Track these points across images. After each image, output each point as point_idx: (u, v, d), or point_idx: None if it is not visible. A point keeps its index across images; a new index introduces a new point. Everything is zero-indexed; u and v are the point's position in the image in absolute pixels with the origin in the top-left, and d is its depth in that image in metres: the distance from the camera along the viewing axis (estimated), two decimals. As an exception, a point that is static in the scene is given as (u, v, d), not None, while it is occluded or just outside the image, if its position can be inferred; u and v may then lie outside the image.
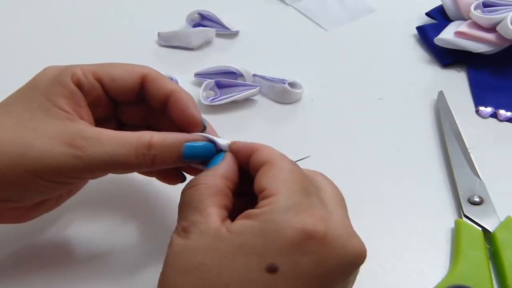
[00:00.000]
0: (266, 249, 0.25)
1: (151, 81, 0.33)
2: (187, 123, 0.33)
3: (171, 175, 0.35)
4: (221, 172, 0.30)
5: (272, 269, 0.25)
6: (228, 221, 0.28)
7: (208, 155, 0.32)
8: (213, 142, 0.32)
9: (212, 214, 0.28)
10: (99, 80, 0.33)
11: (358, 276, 0.35)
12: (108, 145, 0.30)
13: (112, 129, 0.31)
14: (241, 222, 0.27)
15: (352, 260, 0.27)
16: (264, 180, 0.28)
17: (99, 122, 0.33)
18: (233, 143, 0.32)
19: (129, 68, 0.33)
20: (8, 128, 0.30)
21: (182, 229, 0.28)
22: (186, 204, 0.29)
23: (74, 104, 0.31)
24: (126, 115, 0.35)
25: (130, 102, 0.34)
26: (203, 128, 0.33)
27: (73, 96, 0.31)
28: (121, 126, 0.36)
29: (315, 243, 0.26)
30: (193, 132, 0.33)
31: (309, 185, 0.29)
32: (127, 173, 0.34)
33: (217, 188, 0.29)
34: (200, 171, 0.32)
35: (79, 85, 0.32)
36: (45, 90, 0.31)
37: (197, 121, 0.33)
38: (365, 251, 0.28)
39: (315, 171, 0.31)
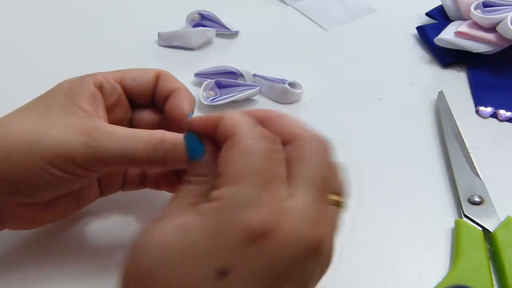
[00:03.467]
0: (215, 250, 0.23)
1: (162, 78, 0.35)
2: (175, 115, 0.34)
3: (175, 183, 0.35)
4: None
5: (223, 273, 0.23)
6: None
7: None
8: None
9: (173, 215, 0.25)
10: (120, 82, 0.34)
11: (358, 276, 0.35)
12: (121, 137, 0.30)
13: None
14: (189, 221, 0.24)
15: (308, 252, 0.24)
16: (221, 164, 0.25)
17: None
18: (193, 119, 0.28)
19: (146, 70, 0.36)
20: (26, 121, 0.31)
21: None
22: None
23: (93, 105, 0.32)
24: (140, 124, 0.37)
25: (145, 109, 0.36)
26: None
27: (93, 97, 0.32)
28: None
29: (264, 241, 0.23)
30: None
31: (277, 165, 0.25)
32: (139, 168, 0.35)
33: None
34: None
35: (100, 87, 0.33)
36: (66, 90, 0.32)
37: (183, 114, 0.34)
38: (322, 242, 0.25)
39: (310, 134, 0.27)
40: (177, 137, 0.31)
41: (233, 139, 0.25)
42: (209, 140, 0.27)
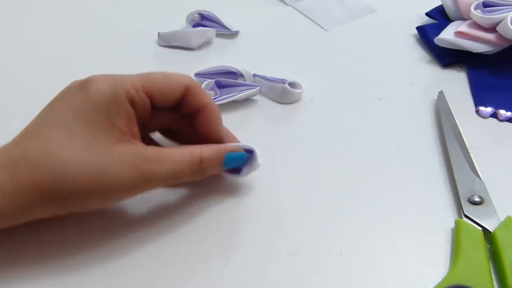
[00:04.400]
0: None
1: (191, 93, 0.36)
2: (211, 137, 0.37)
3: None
4: None
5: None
6: None
7: (242, 163, 0.37)
8: (247, 151, 0.37)
9: None
10: (149, 95, 0.35)
11: (358, 276, 0.35)
12: (167, 163, 0.33)
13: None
14: None
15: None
16: None
17: None
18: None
19: (174, 80, 0.35)
20: (77, 153, 0.31)
21: None
22: None
23: (129, 124, 0.33)
24: (156, 121, 0.38)
25: (166, 110, 0.37)
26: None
27: (129, 116, 0.33)
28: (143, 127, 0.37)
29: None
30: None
31: None
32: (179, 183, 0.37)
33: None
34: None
35: (132, 103, 0.34)
36: (103, 110, 0.32)
37: (220, 140, 0.37)
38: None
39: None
40: (213, 153, 0.35)
41: None
42: None
